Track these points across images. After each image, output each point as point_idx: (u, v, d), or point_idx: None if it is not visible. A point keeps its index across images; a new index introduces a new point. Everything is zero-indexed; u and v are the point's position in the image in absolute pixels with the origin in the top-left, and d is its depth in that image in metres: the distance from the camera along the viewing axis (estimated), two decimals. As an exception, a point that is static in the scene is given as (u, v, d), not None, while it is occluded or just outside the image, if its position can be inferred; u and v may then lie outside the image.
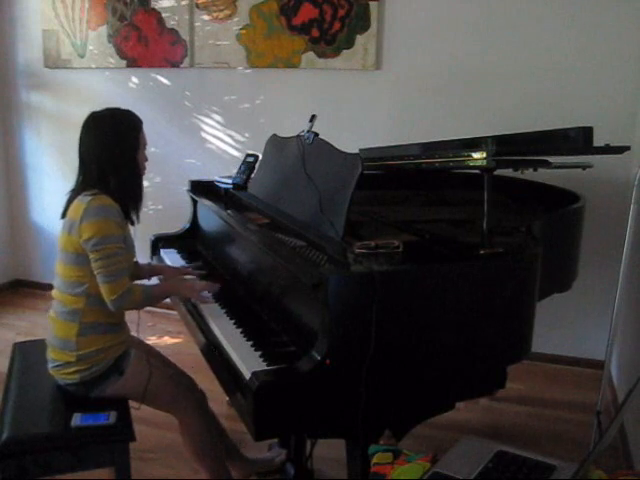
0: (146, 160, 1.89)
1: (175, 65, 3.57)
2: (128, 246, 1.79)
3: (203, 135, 3.64)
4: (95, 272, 1.70)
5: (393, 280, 1.40)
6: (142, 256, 2.68)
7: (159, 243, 2.56)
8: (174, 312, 2.43)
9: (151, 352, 2.00)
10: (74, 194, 1.79)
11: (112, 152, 1.77)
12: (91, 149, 1.79)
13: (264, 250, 1.76)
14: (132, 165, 1.82)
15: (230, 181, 2.48)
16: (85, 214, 1.69)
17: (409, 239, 1.69)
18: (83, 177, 1.81)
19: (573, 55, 2.89)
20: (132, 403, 1.81)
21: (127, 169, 1.80)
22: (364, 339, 1.34)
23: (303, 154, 1.93)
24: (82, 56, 3.75)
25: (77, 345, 1.74)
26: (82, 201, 1.72)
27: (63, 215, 1.79)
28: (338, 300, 1.33)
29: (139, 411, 1.82)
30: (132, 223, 1.86)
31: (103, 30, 3.67)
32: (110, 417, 1.68)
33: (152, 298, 1.84)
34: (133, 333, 1.96)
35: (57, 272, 1.81)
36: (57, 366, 1.78)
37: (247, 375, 1.39)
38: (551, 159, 1.73)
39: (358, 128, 3.25)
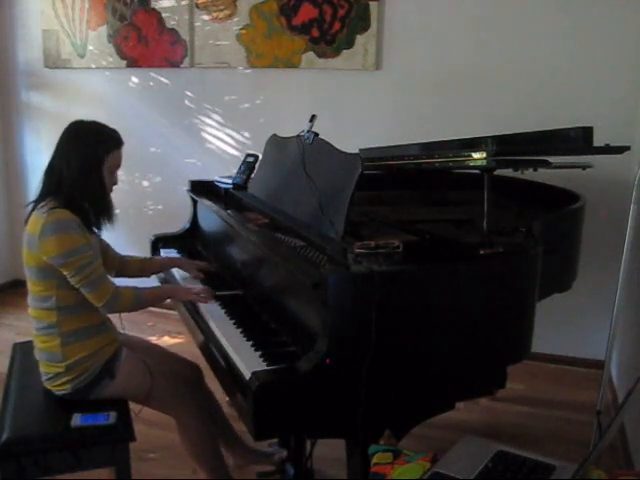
0: (114, 183, 1.83)
1: (175, 65, 3.57)
2: (96, 254, 1.75)
3: (203, 135, 3.64)
4: (77, 287, 1.68)
5: (393, 280, 1.40)
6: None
7: (159, 243, 2.56)
8: (174, 312, 2.43)
9: (148, 350, 1.98)
10: (34, 204, 1.75)
11: (80, 161, 1.73)
12: (64, 156, 1.75)
13: (264, 250, 1.76)
14: (94, 177, 1.75)
15: (230, 181, 2.48)
16: (43, 230, 1.65)
17: (409, 239, 1.69)
18: (43, 185, 1.77)
19: (573, 55, 2.89)
20: (132, 406, 1.81)
21: (88, 179, 1.74)
22: (364, 339, 1.34)
23: (303, 154, 1.93)
24: (82, 56, 3.75)
25: (63, 355, 1.73)
26: (40, 216, 1.68)
27: (26, 223, 1.75)
28: (338, 300, 1.33)
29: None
30: (99, 228, 1.81)
31: (103, 30, 3.67)
32: (110, 417, 1.68)
33: (145, 302, 1.81)
34: (126, 331, 1.95)
35: (28, 288, 1.78)
36: (49, 379, 1.77)
37: (247, 375, 1.39)
38: (551, 159, 1.73)
39: (358, 128, 3.24)
